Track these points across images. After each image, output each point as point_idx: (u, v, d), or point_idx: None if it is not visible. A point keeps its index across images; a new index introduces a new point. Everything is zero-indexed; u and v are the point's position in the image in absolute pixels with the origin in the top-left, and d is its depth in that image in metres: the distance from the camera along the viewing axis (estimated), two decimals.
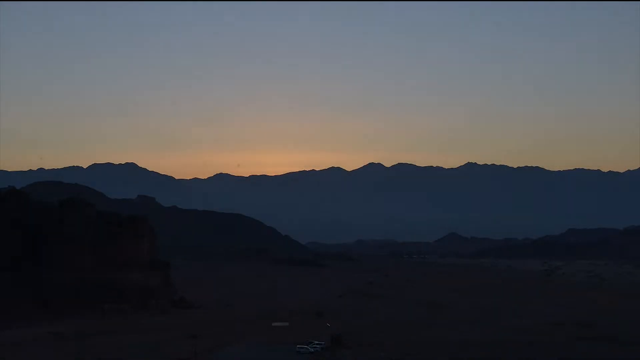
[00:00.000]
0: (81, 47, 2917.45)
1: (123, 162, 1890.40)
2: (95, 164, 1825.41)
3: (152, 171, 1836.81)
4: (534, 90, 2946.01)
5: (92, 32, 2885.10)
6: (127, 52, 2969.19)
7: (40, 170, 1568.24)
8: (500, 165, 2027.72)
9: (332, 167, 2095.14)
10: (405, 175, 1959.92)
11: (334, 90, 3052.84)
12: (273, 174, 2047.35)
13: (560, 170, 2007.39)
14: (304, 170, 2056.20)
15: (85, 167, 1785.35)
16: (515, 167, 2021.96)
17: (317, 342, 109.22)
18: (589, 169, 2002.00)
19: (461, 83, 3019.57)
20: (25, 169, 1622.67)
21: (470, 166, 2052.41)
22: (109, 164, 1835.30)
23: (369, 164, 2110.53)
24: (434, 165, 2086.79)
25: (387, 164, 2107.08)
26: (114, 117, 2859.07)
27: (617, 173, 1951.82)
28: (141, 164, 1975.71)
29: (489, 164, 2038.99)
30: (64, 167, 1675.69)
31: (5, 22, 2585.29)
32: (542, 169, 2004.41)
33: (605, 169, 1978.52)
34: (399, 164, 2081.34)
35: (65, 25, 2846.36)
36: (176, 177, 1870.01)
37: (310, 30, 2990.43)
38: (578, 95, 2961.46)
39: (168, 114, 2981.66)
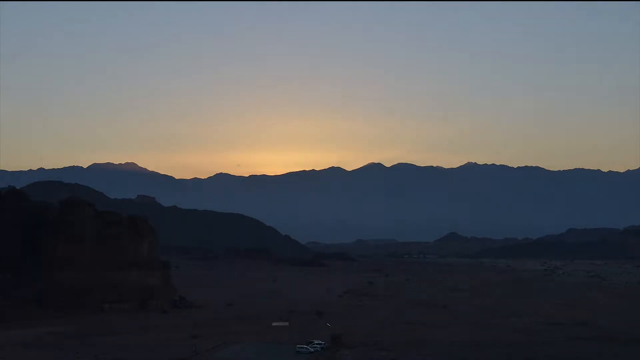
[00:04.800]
0: (81, 47, 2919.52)
1: (123, 162, 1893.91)
2: (95, 164, 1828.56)
3: (152, 171, 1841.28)
4: (533, 91, 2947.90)
5: (92, 33, 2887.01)
6: (127, 52, 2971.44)
7: (40, 170, 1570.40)
8: (500, 165, 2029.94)
9: (332, 167, 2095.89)
10: (405, 175, 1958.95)
11: (334, 91, 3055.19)
12: (273, 174, 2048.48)
13: (560, 170, 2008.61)
14: (304, 170, 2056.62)
15: (85, 167, 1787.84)
16: (515, 167, 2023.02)
17: (317, 342, 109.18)
18: (589, 169, 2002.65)
19: (461, 83, 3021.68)
20: (25, 169, 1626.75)
21: (470, 166, 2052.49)
22: (109, 164, 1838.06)
23: (369, 164, 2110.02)
24: (434, 165, 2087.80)
25: (387, 164, 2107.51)
26: (114, 117, 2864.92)
27: (617, 173, 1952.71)
28: (141, 164, 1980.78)
29: (489, 164, 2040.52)
30: (64, 167, 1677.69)
31: (6, 22, 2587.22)
32: (542, 169, 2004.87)
33: (605, 169, 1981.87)
34: (399, 164, 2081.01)
35: (66, 25, 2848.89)
36: (176, 177, 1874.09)
37: (310, 31, 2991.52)
38: (578, 95, 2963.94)
39: (168, 114, 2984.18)
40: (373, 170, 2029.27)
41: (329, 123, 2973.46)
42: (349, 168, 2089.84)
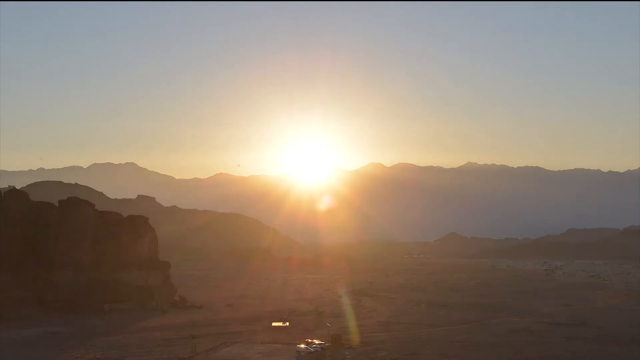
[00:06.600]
0: (81, 47, 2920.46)
1: (123, 162, 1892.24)
2: (95, 164, 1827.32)
3: (152, 171, 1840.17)
4: (534, 90, 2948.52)
5: (92, 32, 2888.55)
6: (127, 52, 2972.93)
7: (40, 170, 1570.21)
8: (500, 165, 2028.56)
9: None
10: (405, 175, 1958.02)
11: (334, 90, 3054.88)
12: (273, 174, 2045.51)
13: (560, 170, 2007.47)
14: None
15: (85, 167, 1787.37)
16: (515, 167, 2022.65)
17: (317, 342, 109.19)
18: (589, 169, 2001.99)
19: (461, 83, 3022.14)
20: (25, 169, 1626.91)
21: (470, 166, 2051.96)
22: (109, 164, 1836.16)
23: (369, 163, 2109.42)
24: (434, 165, 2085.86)
25: (387, 164, 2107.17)
26: (114, 117, 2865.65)
27: (617, 173, 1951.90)
28: (141, 164, 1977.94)
29: (489, 163, 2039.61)
30: (64, 167, 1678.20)
31: (6, 22, 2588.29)
32: (542, 169, 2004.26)
33: (605, 169, 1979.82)
34: (399, 164, 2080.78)
35: (66, 25, 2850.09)
36: (176, 177, 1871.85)
37: (308, 30, 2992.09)
38: (578, 95, 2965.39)
39: (168, 113, 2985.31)
40: (373, 170, 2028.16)
41: (329, 123, 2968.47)
42: (349, 168, 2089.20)
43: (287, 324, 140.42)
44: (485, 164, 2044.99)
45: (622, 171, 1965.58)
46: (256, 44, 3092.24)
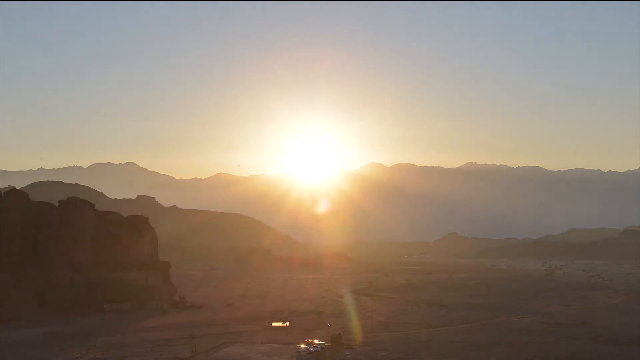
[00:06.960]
0: (81, 47, 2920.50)
1: (123, 162, 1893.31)
2: (95, 164, 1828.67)
3: (152, 171, 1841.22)
4: (534, 90, 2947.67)
5: (92, 33, 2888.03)
6: (127, 52, 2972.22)
7: (40, 170, 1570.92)
8: (501, 165, 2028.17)
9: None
10: (405, 175, 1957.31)
11: (334, 90, 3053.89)
12: (273, 174, 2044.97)
13: (560, 170, 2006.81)
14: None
15: (85, 167, 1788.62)
16: (515, 167, 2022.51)
17: (317, 342, 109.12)
18: (589, 169, 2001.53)
19: (461, 83, 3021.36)
20: (25, 169, 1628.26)
21: (470, 166, 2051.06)
22: (109, 164, 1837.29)
23: (369, 163, 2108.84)
24: (434, 165, 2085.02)
25: (387, 164, 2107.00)
26: (114, 117, 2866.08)
27: (617, 173, 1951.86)
28: (141, 164, 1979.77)
29: (489, 163, 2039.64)
30: (64, 167, 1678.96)
31: (6, 22, 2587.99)
32: (542, 169, 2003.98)
33: (605, 169, 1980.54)
34: (399, 164, 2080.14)
35: (66, 25, 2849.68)
36: (176, 177, 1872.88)
37: (309, 30, 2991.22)
38: (578, 95, 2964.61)
39: (168, 113, 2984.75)
40: (373, 170, 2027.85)
41: (329, 123, 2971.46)
42: (349, 168, 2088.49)
43: (287, 324, 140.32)
44: (485, 164, 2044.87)
45: (622, 171, 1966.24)
46: (257, 44, 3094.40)
